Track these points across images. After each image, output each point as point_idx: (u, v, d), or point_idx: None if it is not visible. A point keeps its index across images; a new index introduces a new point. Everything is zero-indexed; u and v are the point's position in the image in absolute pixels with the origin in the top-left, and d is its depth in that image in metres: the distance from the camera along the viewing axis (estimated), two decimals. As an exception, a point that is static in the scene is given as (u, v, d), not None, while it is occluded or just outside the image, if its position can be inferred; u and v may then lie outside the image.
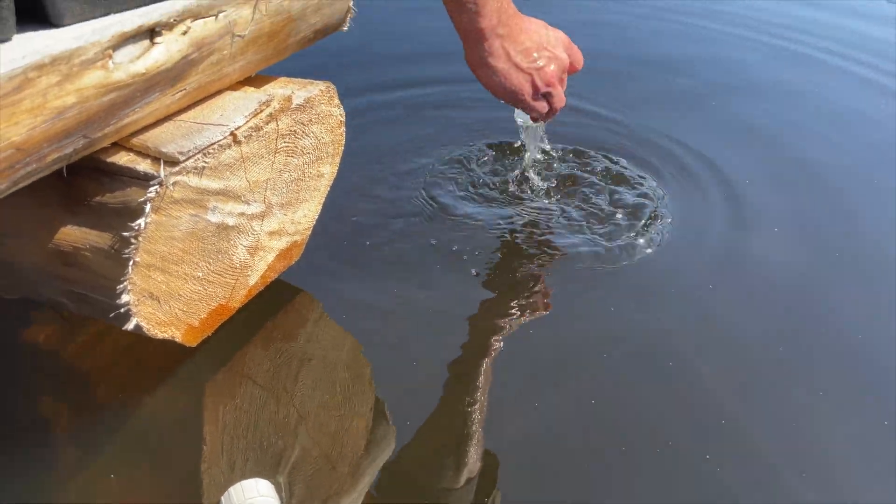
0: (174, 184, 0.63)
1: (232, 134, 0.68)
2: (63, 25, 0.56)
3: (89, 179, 0.65)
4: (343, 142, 0.87)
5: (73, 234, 0.66)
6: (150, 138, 0.64)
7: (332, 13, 0.80)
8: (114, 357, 0.85)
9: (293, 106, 0.75)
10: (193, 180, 0.65)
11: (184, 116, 0.68)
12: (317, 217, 0.90)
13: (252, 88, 0.75)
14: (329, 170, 0.87)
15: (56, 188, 0.65)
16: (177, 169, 0.63)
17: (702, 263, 1.04)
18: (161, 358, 0.83)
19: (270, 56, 0.75)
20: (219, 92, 0.72)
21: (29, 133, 0.52)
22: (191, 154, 0.64)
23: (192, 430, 0.77)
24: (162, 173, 0.62)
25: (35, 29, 0.56)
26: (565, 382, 0.84)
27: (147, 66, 0.59)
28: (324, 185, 0.88)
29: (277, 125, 0.74)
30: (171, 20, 0.60)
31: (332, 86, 0.80)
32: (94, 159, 0.63)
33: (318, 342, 0.89)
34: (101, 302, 0.68)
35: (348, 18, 0.84)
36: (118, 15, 0.59)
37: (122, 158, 0.63)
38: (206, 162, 0.66)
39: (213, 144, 0.66)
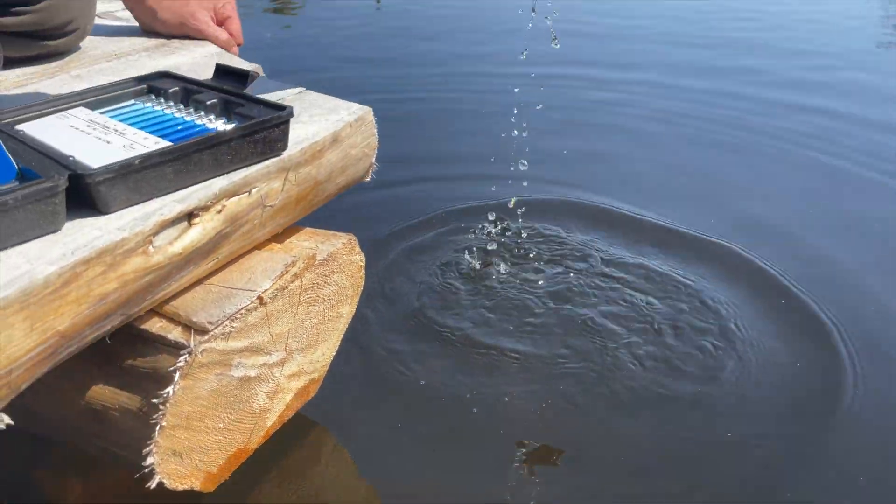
0: (203, 351, 0.67)
1: (259, 297, 0.71)
2: (109, 213, 0.61)
3: (122, 342, 0.68)
4: (363, 283, 0.91)
5: (103, 393, 0.69)
6: (182, 305, 0.68)
7: (357, 171, 0.85)
8: (123, 496, 0.86)
9: (316, 262, 0.79)
10: (220, 344, 0.69)
11: (213, 279, 0.72)
12: (334, 353, 0.93)
13: (278, 246, 0.79)
14: (348, 310, 0.91)
15: (90, 348, 0.69)
16: (206, 337, 0.66)
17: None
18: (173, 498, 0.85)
19: (297, 216, 0.79)
20: (247, 252, 0.76)
21: (73, 321, 0.56)
22: (220, 322, 0.67)
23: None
24: (192, 343, 0.65)
25: (83, 215, 0.61)
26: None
27: (184, 245, 0.64)
28: (342, 324, 0.91)
29: (301, 282, 0.77)
30: (209, 202, 0.65)
31: (354, 237, 0.85)
32: (127, 324, 0.67)
33: (332, 479, 0.90)
34: (125, 458, 0.70)
35: (371, 171, 0.89)
36: (159, 200, 0.63)
37: (155, 325, 0.67)
38: (233, 327, 0.69)
39: (240, 310, 0.69)
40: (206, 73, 0.95)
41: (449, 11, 3.55)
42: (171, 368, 0.65)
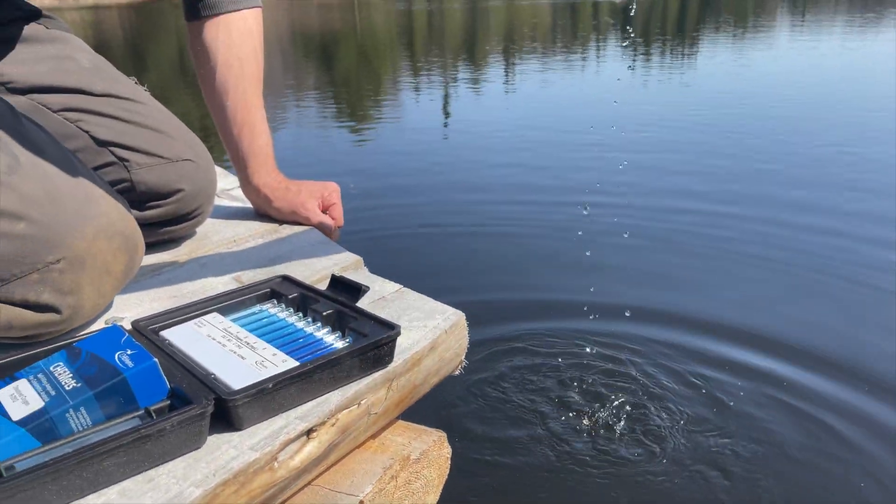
0: (310, 557, 0.72)
1: (360, 501, 0.77)
2: (241, 430, 0.69)
3: (236, 540, 0.74)
4: (447, 471, 0.95)
5: (213, 588, 0.74)
6: (293, 509, 0.74)
7: (448, 369, 0.92)
8: None
9: (410, 461, 0.85)
10: (324, 548, 0.74)
11: (319, 481, 0.78)
12: (417, 538, 0.96)
13: (374, 443, 0.85)
14: (433, 498, 0.95)
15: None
16: (314, 545, 0.72)
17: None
18: None
19: (394, 416, 0.86)
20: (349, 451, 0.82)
21: (208, 537, 0.63)
22: (326, 529, 0.73)
23: None
24: (302, 551, 0.71)
25: (218, 429, 0.68)
26: None
27: (302, 458, 0.71)
28: (426, 511, 0.95)
29: (396, 481, 0.83)
30: (326, 418, 0.72)
31: (443, 434, 0.90)
32: (243, 524, 0.73)
33: None
34: None
35: (461, 367, 0.95)
36: (283, 416, 0.71)
37: (268, 528, 0.73)
38: (336, 531, 0.75)
39: (344, 516, 0.75)
40: (313, 260, 1.07)
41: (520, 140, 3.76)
42: (281, 574, 0.70)
